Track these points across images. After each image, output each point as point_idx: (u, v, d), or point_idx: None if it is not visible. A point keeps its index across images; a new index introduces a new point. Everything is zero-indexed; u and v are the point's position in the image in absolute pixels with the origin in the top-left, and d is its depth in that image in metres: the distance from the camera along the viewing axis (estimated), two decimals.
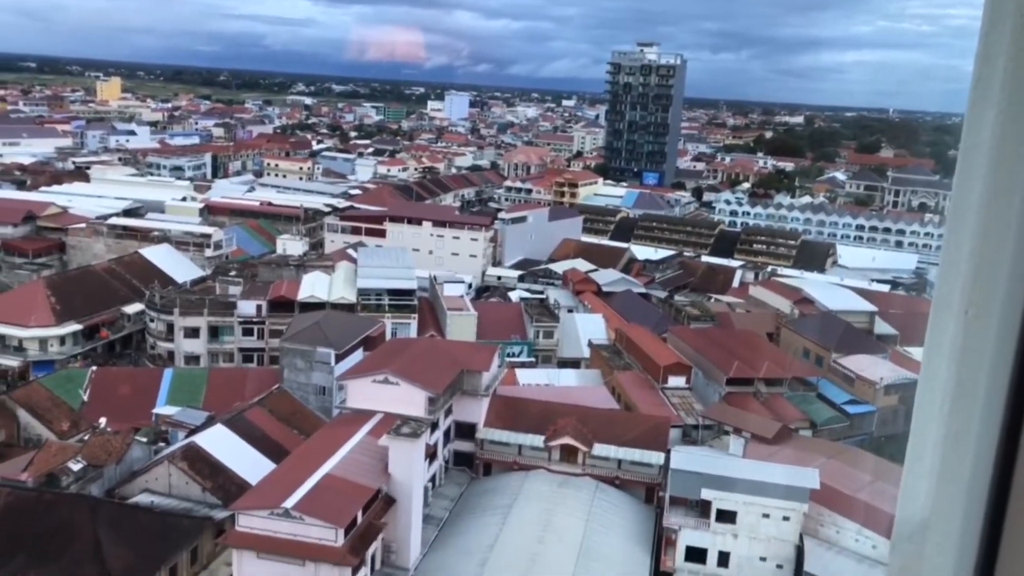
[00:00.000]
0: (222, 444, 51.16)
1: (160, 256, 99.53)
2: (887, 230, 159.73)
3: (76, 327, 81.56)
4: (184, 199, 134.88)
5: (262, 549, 38.86)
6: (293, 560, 38.78)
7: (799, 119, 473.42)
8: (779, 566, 45.40)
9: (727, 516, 45.63)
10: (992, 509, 2.42)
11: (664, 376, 68.33)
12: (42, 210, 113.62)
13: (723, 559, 45.72)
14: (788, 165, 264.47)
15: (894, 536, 2.63)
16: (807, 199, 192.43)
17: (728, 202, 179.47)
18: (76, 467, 47.53)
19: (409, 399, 48.94)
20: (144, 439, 53.40)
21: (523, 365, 75.92)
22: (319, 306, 77.07)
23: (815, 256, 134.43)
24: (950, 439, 2.43)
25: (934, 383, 2.48)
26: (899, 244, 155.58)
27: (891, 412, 68.94)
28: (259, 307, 78.62)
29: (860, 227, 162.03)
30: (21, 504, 43.46)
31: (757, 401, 66.60)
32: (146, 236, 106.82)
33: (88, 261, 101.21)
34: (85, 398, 63.61)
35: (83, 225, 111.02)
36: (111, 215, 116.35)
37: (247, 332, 78.52)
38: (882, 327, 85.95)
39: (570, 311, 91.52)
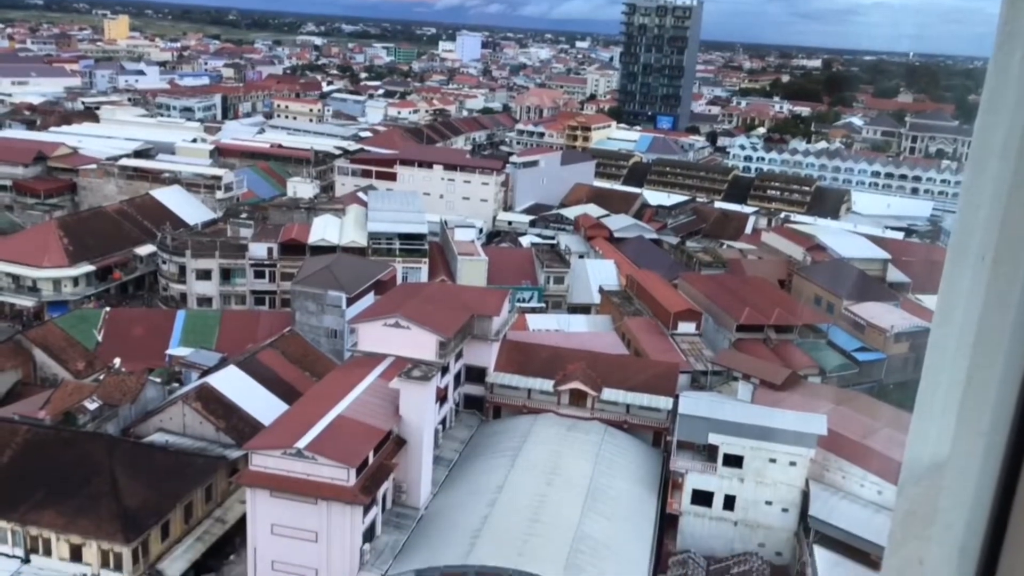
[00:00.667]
0: (235, 385, 51.78)
1: (171, 198, 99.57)
2: (903, 176, 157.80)
3: (89, 268, 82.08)
4: (194, 140, 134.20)
5: (275, 488, 39.59)
6: (306, 499, 39.55)
7: (816, 63, 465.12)
8: (784, 510, 46.03)
9: (734, 460, 46.10)
10: (1011, 454, 2.39)
11: (674, 322, 68.43)
12: (52, 150, 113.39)
13: (729, 502, 46.34)
14: (804, 110, 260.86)
15: (901, 480, 2.61)
16: (823, 145, 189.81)
17: (743, 147, 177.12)
18: (92, 406, 48.29)
19: (420, 343, 49.25)
20: (158, 379, 54.14)
21: (533, 310, 76.13)
22: (330, 249, 77.18)
23: (829, 202, 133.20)
24: (966, 384, 2.40)
25: (948, 328, 2.45)
26: (915, 191, 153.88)
27: (901, 360, 69.00)
28: (270, 250, 78.83)
29: (876, 173, 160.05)
30: (40, 441, 44.36)
31: (767, 347, 66.73)
32: (157, 177, 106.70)
33: (99, 202, 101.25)
34: (99, 338, 64.24)
35: (94, 166, 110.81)
36: (121, 156, 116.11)
37: (259, 275, 78.87)
38: (895, 275, 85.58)
39: (581, 257, 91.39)
